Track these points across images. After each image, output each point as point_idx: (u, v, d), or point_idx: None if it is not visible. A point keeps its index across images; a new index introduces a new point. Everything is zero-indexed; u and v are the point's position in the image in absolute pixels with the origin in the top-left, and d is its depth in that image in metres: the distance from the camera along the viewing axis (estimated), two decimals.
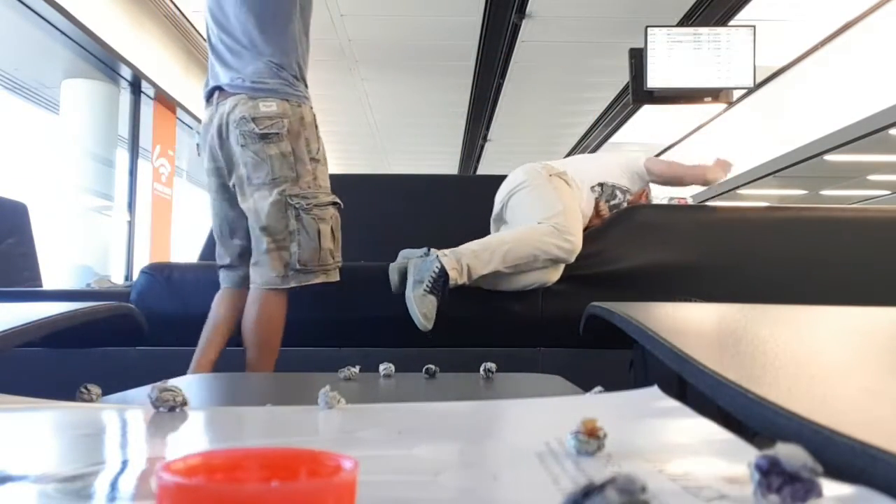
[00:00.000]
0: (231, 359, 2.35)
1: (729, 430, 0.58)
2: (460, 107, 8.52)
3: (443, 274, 2.15)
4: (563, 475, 0.48)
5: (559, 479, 0.47)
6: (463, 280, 2.18)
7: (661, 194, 9.78)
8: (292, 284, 2.04)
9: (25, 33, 5.32)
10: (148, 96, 6.59)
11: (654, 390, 0.76)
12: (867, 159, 8.17)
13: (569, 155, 10.93)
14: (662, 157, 2.41)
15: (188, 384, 1.13)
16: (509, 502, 0.45)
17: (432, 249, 2.19)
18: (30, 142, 7.41)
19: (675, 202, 5.75)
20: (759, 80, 6.43)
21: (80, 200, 6.17)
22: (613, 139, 9.88)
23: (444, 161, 11.42)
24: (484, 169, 11.39)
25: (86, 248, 6.09)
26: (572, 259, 2.29)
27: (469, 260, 2.18)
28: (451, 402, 0.92)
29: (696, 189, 9.93)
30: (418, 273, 2.14)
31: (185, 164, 8.28)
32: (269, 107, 2.02)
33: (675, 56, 5.78)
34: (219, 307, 2.17)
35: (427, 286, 2.12)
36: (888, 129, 6.63)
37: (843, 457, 0.45)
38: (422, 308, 2.09)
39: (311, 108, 2.16)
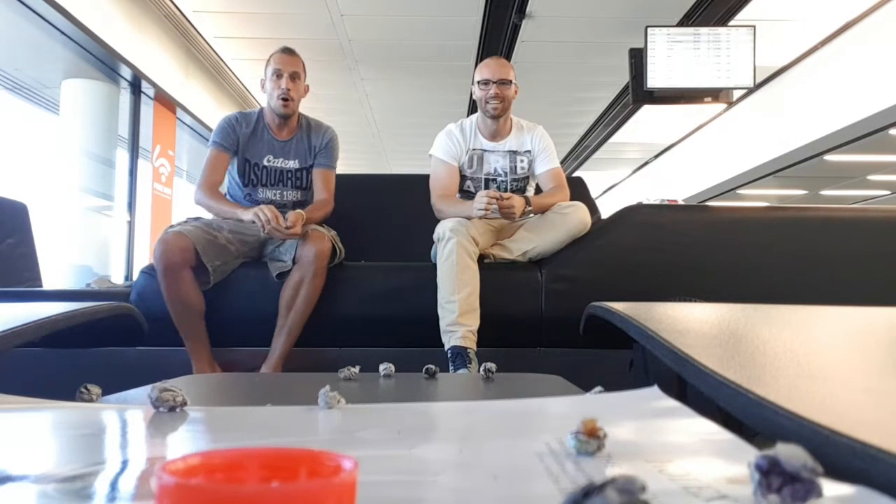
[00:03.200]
0: (233, 359, 2.35)
1: (729, 430, 0.58)
2: (460, 107, 8.52)
3: (456, 351, 2.19)
4: (563, 475, 0.47)
5: (559, 479, 0.47)
6: (473, 339, 2.22)
7: (652, 195, 9.80)
8: None
9: (25, 33, 5.31)
10: (148, 96, 6.59)
11: (654, 390, 0.76)
12: (867, 159, 8.17)
13: (569, 155, 10.93)
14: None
15: (188, 384, 1.13)
16: (509, 502, 0.45)
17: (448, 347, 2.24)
18: (30, 142, 7.40)
19: (665, 202, 5.75)
20: (759, 80, 6.43)
21: (80, 200, 6.17)
22: (613, 139, 9.87)
23: None
24: None
25: (86, 248, 6.09)
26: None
27: (462, 321, 2.22)
28: (451, 402, 0.92)
29: (689, 191, 9.95)
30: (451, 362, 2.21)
31: (185, 163, 8.29)
32: None
33: (675, 56, 5.78)
34: None
35: (454, 367, 2.17)
36: (888, 129, 6.63)
37: (843, 457, 0.45)
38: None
39: None
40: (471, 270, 2.27)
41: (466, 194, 2.64)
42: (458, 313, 2.21)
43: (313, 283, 2.30)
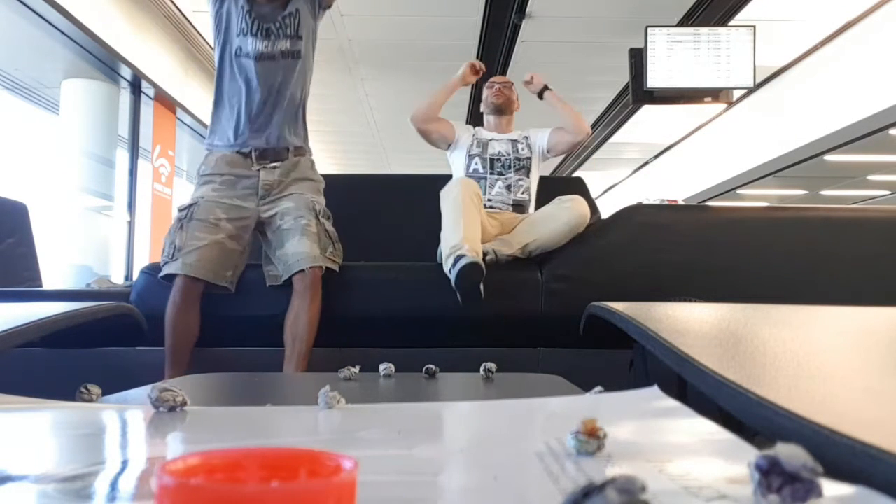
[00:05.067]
0: (233, 359, 2.35)
1: (729, 430, 0.58)
2: (461, 107, 8.51)
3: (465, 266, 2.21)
4: (563, 475, 0.47)
5: (559, 479, 0.47)
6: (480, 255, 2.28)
7: (652, 195, 9.80)
8: None
9: (25, 33, 5.32)
10: (148, 96, 6.59)
11: (654, 390, 0.76)
12: (867, 159, 8.17)
13: (569, 155, 10.92)
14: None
15: (188, 384, 1.13)
16: (509, 502, 0.45)
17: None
18: (30, 142, 7.40)
19: (665, 202, 5.76)
20: (759, 80, 6.43)
21: (80, 200, 6.17)
22: (613, 139, 9.87)
23: (444, 161, 11.41)
24: None
25: (86, 248, 6.09)
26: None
27: (467, 242, 2.30)
28: (451, 402, 0.92)
29: (689, 191, 9.95)
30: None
31: (185, 163, 8.29)
32: None
33: (675, 56, 5.77)
34: None
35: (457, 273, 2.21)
36: (888, 129, 6.63)
37: (843, 457, 0.45)
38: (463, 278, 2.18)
39: None
40: (473, 210, 2.38)
41: (475, 174, 2.86)
42: (462, 235, 2.28)
43: (311, 310, 2.27)
